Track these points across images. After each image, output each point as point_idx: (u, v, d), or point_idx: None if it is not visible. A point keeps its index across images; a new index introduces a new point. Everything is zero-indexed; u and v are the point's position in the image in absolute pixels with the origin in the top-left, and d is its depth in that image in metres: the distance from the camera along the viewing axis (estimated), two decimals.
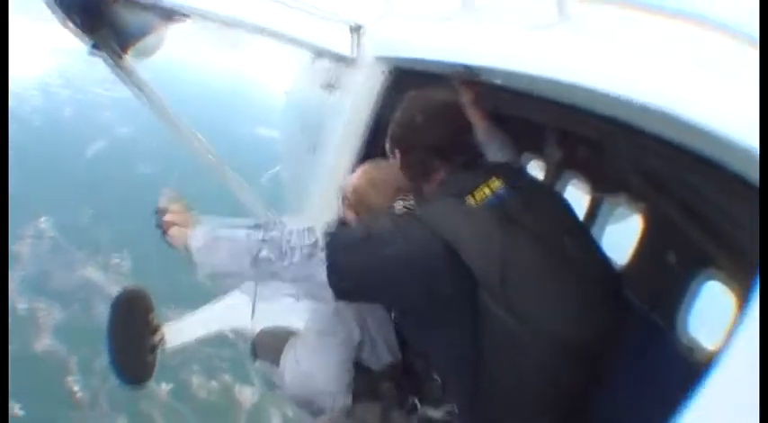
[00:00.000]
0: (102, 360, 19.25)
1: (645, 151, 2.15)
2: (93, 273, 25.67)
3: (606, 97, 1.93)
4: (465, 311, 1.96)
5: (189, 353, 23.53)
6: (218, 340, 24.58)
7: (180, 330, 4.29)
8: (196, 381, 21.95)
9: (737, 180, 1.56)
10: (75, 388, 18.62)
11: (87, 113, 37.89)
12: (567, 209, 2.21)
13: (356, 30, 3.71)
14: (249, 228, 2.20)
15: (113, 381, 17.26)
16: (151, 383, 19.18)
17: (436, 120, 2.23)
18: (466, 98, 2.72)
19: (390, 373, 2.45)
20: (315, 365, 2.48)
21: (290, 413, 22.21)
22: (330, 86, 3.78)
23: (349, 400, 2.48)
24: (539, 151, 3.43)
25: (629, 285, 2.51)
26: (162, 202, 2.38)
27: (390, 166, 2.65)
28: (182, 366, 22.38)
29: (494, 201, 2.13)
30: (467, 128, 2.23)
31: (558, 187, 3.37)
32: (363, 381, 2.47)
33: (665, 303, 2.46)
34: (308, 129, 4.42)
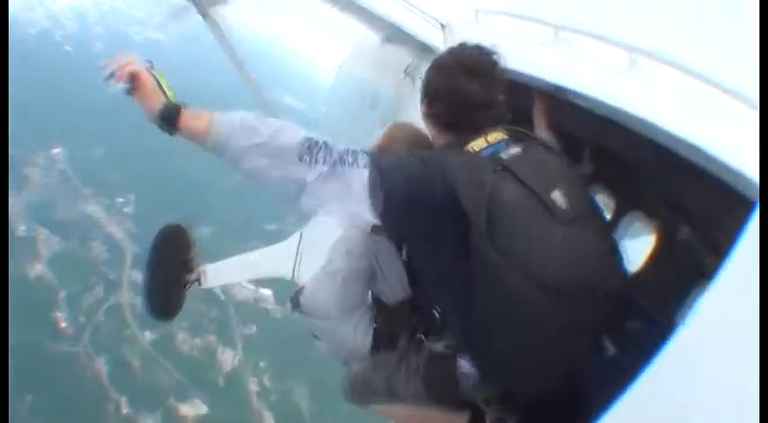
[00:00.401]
0: (91, 297, 19.33)
1: (671, 174, 2.48)
2: (96, 210, 25.84)
3: (658, 129, 2.23)
4: (461, 248, 1.99)
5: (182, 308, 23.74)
6: (210, 301, 24.71)
7: (218, 272, 4.24)
8: (181, 335, 22.15)
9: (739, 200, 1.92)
10: (62, 320, 18.84)
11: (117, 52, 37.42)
12: (563, 167, 2.21)
13: (445, 27, 3.81)
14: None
15: (99, 319, 17.27)
16: (135, 330, 19.22)
17: (464, 81, 2.25)
18: (539, 106, 2.81)
19: (402, 308, 2.48)
20: (332, 298, 2.46)
21: (267, 382, 22.43)
22: (409, 74, 3.82)
23: (369, 338, 2.47)
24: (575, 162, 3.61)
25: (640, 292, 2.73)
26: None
27: (410, 127, 2.73)
28: (176, 318, 22.61)
29: (490, 150, 2.14)
30: (487, 98, 2.22)
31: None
32: (381, 316, 2.48)
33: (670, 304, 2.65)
34: (373, 105, 4.40)
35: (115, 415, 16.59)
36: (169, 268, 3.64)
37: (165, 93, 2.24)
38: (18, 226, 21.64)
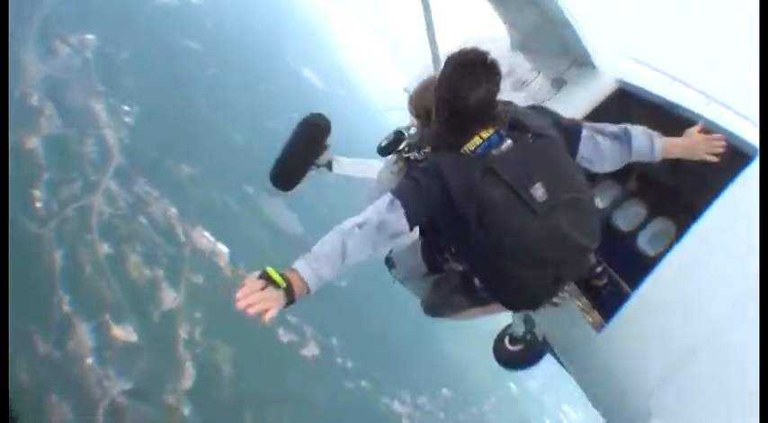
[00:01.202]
0: (69, 190, 19.51)
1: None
2: (101, 109, 26.00)
3: None
4: (462, 231, 2.86)
5: (141, 232, 23.99)
6: (170, 237, 24.89)
7: (345, 164, 4.97)
8: (134, 259, 22.41)
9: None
10: (38, 199, 19.02)
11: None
12: (550, 156, 2.93)
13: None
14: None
15: (69, 213, 17.53)
16: (95, 237, 19.46)
17: (444, 83, 2.92)
18: (701, 146, 3.34)
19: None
20: (404, 255, 3.51)
21: (197, 334, 22.79)
22: (560, 80, 4.47)
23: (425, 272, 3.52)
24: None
25: None
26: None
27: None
28: (131, 239, 22.85)
29: (483, 148, 2.73)
30: (463, 99, 2.84)
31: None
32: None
33: None
34: (516, 88, 5.07)
35: (57, 309, 16.86)
36: (307, 147, 4.44)
37: (277, 284, 2.43)
38: (33, 95, 21.73)
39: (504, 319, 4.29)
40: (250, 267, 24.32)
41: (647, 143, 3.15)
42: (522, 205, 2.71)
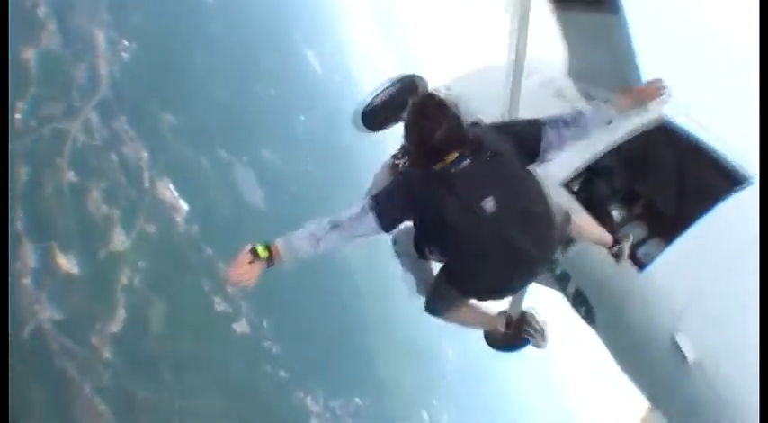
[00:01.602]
0: (51, 108, 19.47)
1: None
2: (101, 37, 25.91)
3: None
4: (428, 232, 3.52)
5: (109, 168, 24.00)
6: (134, 180, 24.88)
7: None
8: (95, 194, 22.38)
9: None
10: (21, 109, 18.97)
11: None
12: (505, 174, 3.45)
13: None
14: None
15: (45, 132, 17.58)
16: (64, 163, 19.43)
17: (412, 127, 3.45)
18: (644, 95, 4.20)
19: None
20: (403, 236, 3.98)
21: (136, 282, 22.84)
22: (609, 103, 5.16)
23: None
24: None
25: None
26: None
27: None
28: (97, 173, 22.85)
29: (447, 168, 3.31)
30: (429, 139, 3.61)
31: None
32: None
33: None
34: (559, 95, 5.79)
35: (12, 219, 16.85)
36: (400, 97, 4.95)
37: (259, 254, 3.07)
38: (41, 7, 21.63)
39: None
40: (204, 229, 24.44)
41: (600, 116, 3.88)
42: (472, 215, 3.27)
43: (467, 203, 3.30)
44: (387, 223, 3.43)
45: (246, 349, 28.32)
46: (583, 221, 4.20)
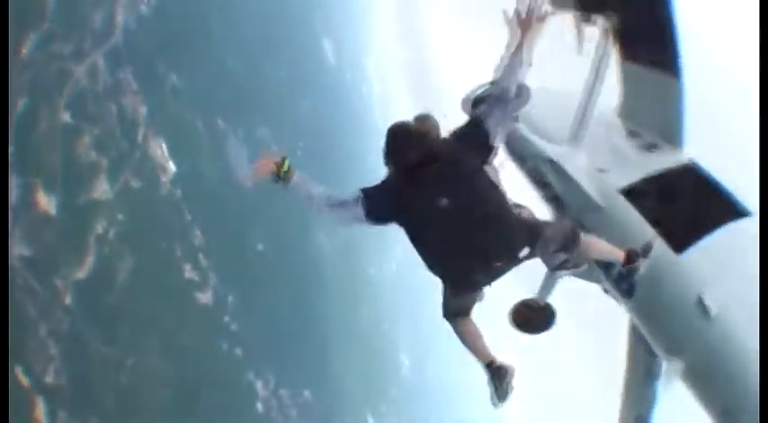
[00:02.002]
0: (60, 47, 19.49)
1: None
2: None
3: None
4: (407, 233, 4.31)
5: (105, 116, 24.06)
6: (128, 130, 24.91)
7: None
8: (87, 139, 22.37)
9: None
10: (28, 42, 19.01)
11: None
12: (460, 179, 4.20)
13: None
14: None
15: (52, 67, 17.65)
16: (62, 104, 19.49)
17: (393, 152, 4.27)
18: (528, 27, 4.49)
19: None
20: None
21: (111, 234, 22.88)
22: (652, 147, 7.08)
23: None
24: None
25: None
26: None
27: (434, 120, 5.01)
28: (93, 119, 22.87)
29: (415, 177, 4.13)
30: (415, 156, 4.18)
31: None
32: None
33: None
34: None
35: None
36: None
37: (283, 165, 4.06)
38: None
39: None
40: (187, 194, 24.62)
41: (511, 73, 4.41)
42: (431, 211, 4.04)
43: (426, 205, 4.05)
44: (371, 218, 4.21)
45: (206, 321, 28.50)
46: (591, 239, 4.83)
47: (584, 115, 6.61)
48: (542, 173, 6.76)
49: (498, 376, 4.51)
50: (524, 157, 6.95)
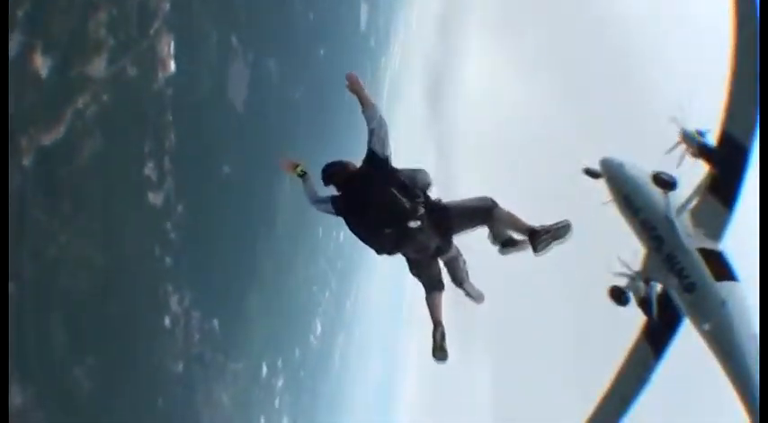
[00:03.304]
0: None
1: None
2: None
3: None
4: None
5: (129, 2, 24.42)
6: (145, 28, 25.25)
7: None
8: (102, 17, 22.59)
9: None
10: None
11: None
12: (379, 179, 7.08)
13: None
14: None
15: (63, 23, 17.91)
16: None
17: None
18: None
19: None
20: None
21: (89, 111, 23.28)
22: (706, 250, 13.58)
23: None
24: None
25: None
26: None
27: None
28: (120, 2, 23.26)
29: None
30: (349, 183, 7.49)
31: None
32: None
33: None
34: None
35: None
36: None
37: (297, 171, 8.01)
38: None
39: None
40: (176, 96, 25.40)
41: (375, 115, 7.13)
42: (359, 206, 7.13)
43: (359, 191, 7.18)
44: (336, 210, 7.49)
45: (148, 221, 28.98)
46: (502, 214, 6.94)
47: (686, 205, 13.39)
48: (653, 222, 13.19)
49: (438, 334, 7.15)
50: (639, 208, 13.48)
